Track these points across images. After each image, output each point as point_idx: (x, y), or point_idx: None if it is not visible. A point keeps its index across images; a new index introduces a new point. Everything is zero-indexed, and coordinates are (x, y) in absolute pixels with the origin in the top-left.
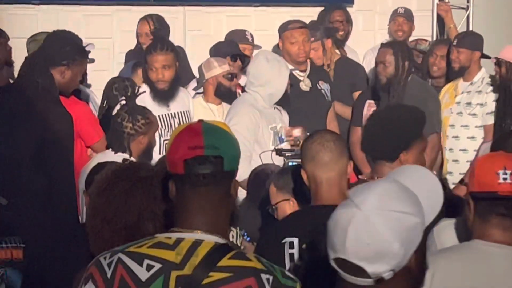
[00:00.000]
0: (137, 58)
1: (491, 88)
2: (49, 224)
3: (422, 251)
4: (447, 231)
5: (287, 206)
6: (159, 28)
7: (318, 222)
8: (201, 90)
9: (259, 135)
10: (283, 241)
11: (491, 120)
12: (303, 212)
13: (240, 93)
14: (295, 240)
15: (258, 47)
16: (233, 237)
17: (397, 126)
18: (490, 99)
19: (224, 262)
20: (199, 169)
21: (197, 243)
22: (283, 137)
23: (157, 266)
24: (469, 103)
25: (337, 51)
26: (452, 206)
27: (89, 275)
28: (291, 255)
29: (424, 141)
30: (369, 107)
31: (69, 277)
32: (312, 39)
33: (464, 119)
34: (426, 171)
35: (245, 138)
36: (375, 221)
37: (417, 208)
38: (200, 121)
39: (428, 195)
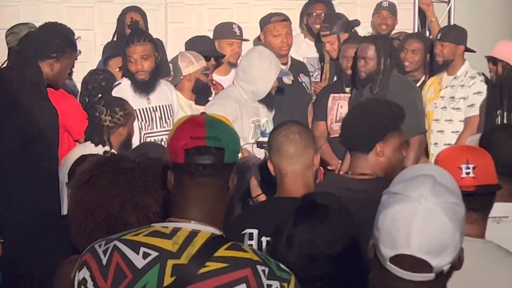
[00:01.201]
0: (113, 51)
1: (472, 81)
2: (30, 218)
3: None
4: None
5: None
6: (137, 20)
7: (280, 214)
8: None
9: (237, 128)
10: (243, 232)
11: (471, 113)
12: (266, 203)
13: (212, 89)
14: (255, 232)
15: (247, 40)
16: None
17: (375, 117)
18: (471, 91)
19: (221, 252)
20: (200, 159)
21: (194, 233)
22: (267, 131)
23: (154, 254)
24: (452, 97)
25: None
26: None
27: (84, 262)
28: (250, 246)
29: (402, 136)
30: (334, 101)
31: (50, 270)
32: (328, 32)
33: (448, 113)
34: (440, 168)
35: None
36: (438, 213)
37: (460, 198)
38: (203, 113)
39: (454, 188)
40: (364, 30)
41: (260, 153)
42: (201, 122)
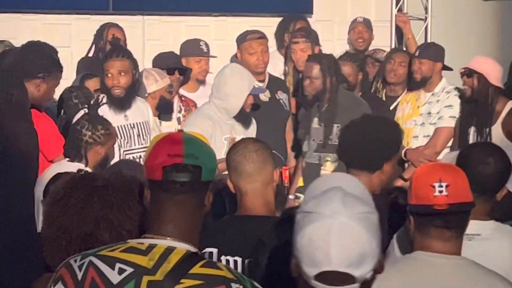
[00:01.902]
0: (89, 67)
1: (447, 95)
2: (5, 237)
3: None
4: (407, 237)
5: None
6: (118, 37)
7: (240, 232)
8: None
9: (211, 145)
10: (203, 251)
11: (438, 124)
12: (225, 222)
13: (181, 106)
14: (214, 251)
15: (214, 57)
16: None
17: (381, 136)
18: (443, 105)
19: (196, 270)
20: (177, 177)
21: (169, 250)
22: None
23: (129, 270)
24: (429, 113)
25: None
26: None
27: (59, 277)
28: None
29: (399, 153)
30: None
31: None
32: (303, 39)
33: (426, 129)
34: (349, 176)
35: None
36: (353, 225)
37: (372, 206)
38: (180, 131)
39: (364, 196)
40: (342, 47)
41: None
42: (179, 140)
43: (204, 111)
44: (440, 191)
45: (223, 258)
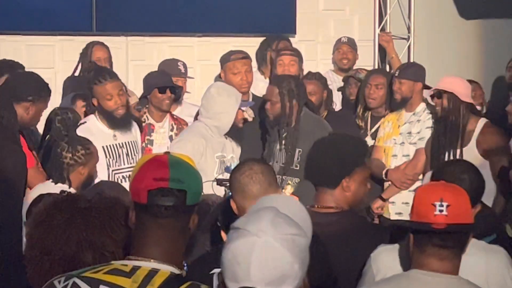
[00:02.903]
0: (75, 87)
1: (428, 116)
2: None
3: (310, 272)
4: (383, 256)
5: None
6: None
7: None
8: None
9: (201, 163)
10: (212, 272)
11: (419, 145)
12: None
13: (173, 124)
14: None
15: (191, 78)
16: None
17: (340, 152)
18: (424, 125)
19: None
20: (162, 201)
21: (153, 272)
22: (231, 167)
23: None
24: (409, 133)
25: None
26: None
27: None
28: (219, 286)
29: (366, 170)
30: None
31: None
32: (292, 52)
33: (405, 148)
34: (291, 199)
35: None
36: (276, 245)
37: (302, 229)
38: (167, 153)
39: (301, 219)
40: (325, 66)
41: (220, 191)
42: (164, 163)
43: (196, 129)
44: (441, 211)
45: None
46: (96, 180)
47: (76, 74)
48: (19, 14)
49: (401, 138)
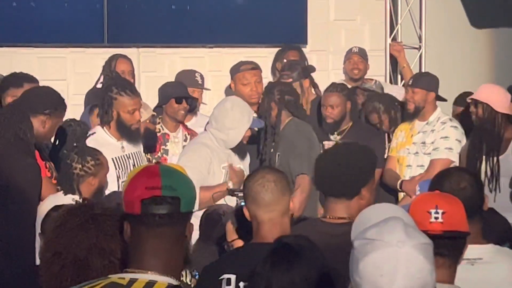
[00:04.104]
0: (96, 99)
1: (442, 126)
2: (4, 271)
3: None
4: None
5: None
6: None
7: (258, 259)
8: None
9: (210, 174)
10: (221, 277)
11: (434, 156)
12: (243, 249)
13: (187, 134)
14: (233, 277)
15: (208, 89)
16: (182, 276)
17: (358, 162)
18: (439, 136)
19: None
20: (156, 209)
21: (150, 284)
22: None
23: None
24: (423, 143)
25: (313, 91)
26: None
27: None
28: None
29: (374, 177)
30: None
31: None
32: (290, 80)
33: (420, 158)
34: (397, 206)
35: (194, 168)
36: (418, 256)
37: (426, 237)
38: (158, 163)
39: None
40: (336, 76)
41: (232, 201)
42: (156, 172)
43: (202, 140)
44: (436, 218)
45: (241, 284)
46: (107, 192)
47: (98, 86)
48: (31, 26)
49: (415, 148)
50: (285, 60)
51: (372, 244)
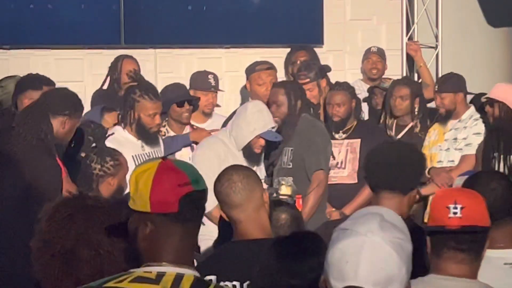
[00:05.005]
0: (104, 100)
1: (475, 122)
2: (22, 276)
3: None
4: None
5: None
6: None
7: (236, 258)
8: None
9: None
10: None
11: (466, 151)
12: (222, 249)
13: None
14: (213, 278)
15: (222, 91)
16: None
17: (419, 159)
18: (471, 132)
19: None
20: (194, 205)
21: (179, 277)
22: None
23: None
24: (455, 139)
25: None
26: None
27: None
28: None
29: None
30: None
31: None
32: (307, 80)
33: (451, 154)
34: (390, 210)
35: (209, 168)
36: (385, 247)
37: (408, 236)
38: (164, 158)
39: (402, 227)
40: (353, 76)
41: None
42: (176, 168)
43: (218, 137)
44: (455, 213)
45: (222, 284)
46: (127, 190)
47: (105, 87)
48: (47, 28)
49: (447, 144)
50: (298, 62)
51: (344, 233)
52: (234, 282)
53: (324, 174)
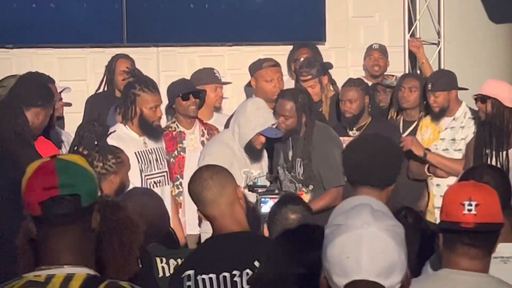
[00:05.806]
0: (100, 105)
1: (473, 121)
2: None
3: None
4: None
5: None
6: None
7: (211, 251)
8: None
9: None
10: (183, 275)
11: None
12: (201, 244)
13: (203, 129)
14: (191, 272)
15: (229, 83)
16: (162, 261)
17: (396, 153)
18: (471, 131)
19: None
20: (56, 210)
21: (69, 277)
22: (258, 183)
23: None
24: (453, 139)
25: (331, 87)
26: (427, 238)
27: None
28: (189, 287)
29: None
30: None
31: None
32: (309, 77)
33: (450, 155)
34: (373, 198)
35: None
36: (383, 236)
37: (396, 221)
38: (53, 157)
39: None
40: (355, 73)
41: (252, 197)
42: (51, 170)
43: (224, 139)
44: (469, 210)
45: (199, 277)
46: (130, 186)
47: (101, 89)
48: (50, 27)
49: (444, 144)
50: (301, 59)
51: (339, 229)
52: (210, 275)
53: (343, 190)
